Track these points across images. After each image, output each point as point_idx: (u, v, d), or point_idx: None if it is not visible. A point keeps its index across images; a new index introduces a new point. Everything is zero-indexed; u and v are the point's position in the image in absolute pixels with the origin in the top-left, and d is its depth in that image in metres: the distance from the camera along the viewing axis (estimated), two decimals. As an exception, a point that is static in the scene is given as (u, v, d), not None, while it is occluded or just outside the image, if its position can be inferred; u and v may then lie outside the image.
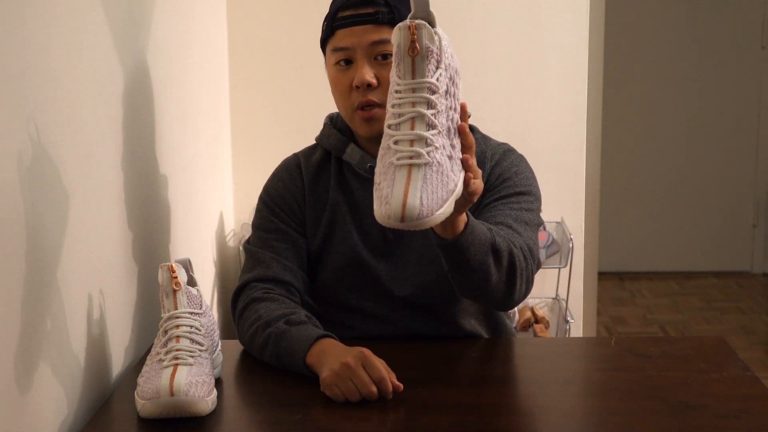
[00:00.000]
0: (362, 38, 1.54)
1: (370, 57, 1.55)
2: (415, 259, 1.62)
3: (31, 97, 1.23)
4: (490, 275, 1.43)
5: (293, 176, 1.68)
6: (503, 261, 1.43)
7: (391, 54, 1.53)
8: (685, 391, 1.39)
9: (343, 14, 1.56)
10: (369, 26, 1.54)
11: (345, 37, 1.56)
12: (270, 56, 2.82)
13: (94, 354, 1.45)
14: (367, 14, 1.55)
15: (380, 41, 1.54)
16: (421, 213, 1.16)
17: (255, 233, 1.68)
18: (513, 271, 1.46)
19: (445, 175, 1.20)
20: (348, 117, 1.60)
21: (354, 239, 1.63)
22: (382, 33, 1.54)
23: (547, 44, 2.79)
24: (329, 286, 1.66)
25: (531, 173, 1.65)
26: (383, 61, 1.55)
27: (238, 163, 2.85)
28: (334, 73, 1.59)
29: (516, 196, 1.59)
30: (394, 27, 1.53)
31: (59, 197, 1.32)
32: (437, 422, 1.30)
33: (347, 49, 1.56)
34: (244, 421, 1.38)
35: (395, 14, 1.55)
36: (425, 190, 1.17)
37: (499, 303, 1.53)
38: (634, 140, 5.01)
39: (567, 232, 2.72)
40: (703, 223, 5.06)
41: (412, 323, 1.63)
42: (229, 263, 2.75)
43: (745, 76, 4.94)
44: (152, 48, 1.83)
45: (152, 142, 1.80)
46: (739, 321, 4.31)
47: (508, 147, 1.67)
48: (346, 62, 1.57)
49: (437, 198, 1.18)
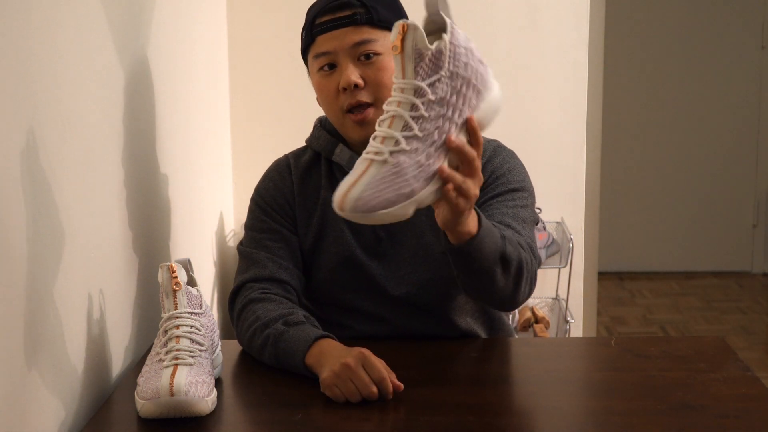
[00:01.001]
0: (343, 41, 1.55)
1: (354, 58, 1.55)
2: (408, 258, 1.62)
3: (31, 97, 1.23)
4: (497, 281, 1.43)
5: (283, 176, 1.68)
6: (511, 269, 1.44)
7: (373, 53, 1.55)
8: (685, 391, 1.39)
9: (320, 20, 1.57)
10: (348, 28, 1.55)
11: (325, 41, 1.56)
12: (270, 56, 2.82)
13: (94, 354, 1.45)
14: (345, 17, 1.55)
15: (361, 42, 1.55)
16: (357, 206, 1.19)
17: (248, 234, 1.68)
18: (520, 277, 1.46)
19: (403, 179, 1.21)
20: (338, 122, 1.60)
21: (347, 238, 1.63)
22: (362, 33, 1.55)
23: (547, 44, 2.79)
24: (324, 285, 1.66)
25: (523, 168, 1.65)
26: (367, 61, 1.55)
27: (238, 163, 2.85)
28: (318, 80, 1.60)
29: (511, 192, 1.59)
30: (373, 26, 1.55)
31: (59, 197, 1.32)
32: (437, 422, 1.30)
33: (329, 53, 1.56)
34: (244, 421, 1.38)
35: (372, 14, 1.55)
36: (371, 187, 1.20)
37: (503, 305, 1.53)
38: (634, 140, 5.01)
39: (567, 232, 2.72)
40: (703, 223, 5.06)
41: (408, 322, 1.63)
42: (229, 263, 2.75)
43: (745, 76, 4.95)
44: (152, 48, 1.83)
45: (152, 142, 1.80)
46: (739, 321, 4.31)
47: (497, 143, 1.67)
48: (330, 67, 1.57)
49: (382, 198, 1.20)
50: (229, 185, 2.82)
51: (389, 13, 1.57)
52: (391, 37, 1.21)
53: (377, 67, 1.55)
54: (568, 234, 2.70)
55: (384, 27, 1.55)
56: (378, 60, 1.55)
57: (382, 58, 1.55)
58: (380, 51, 1.55)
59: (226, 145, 2.79)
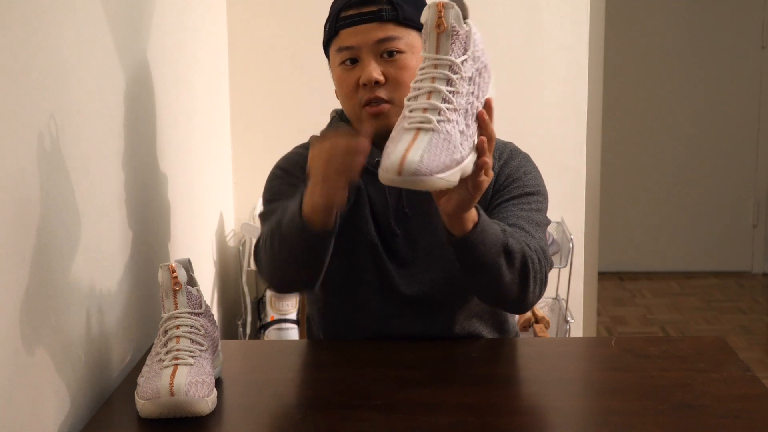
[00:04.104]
0: (367, 36, 1.54)
1: (377, 54, 1.55)
2: (423, 256, 1.62)
3: (31, 97, 1.23)
4: (502, 275, 1.43)
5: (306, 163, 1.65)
6: (516, 262, 1.44)
7: (397, 51, 1.55)
8: (685, 391, 1.39)
9: (345, 14, 1.56)
10: (373, 24, 1.54)
11: (349, 36, 1.56)
12: (270, 56, 2.82)
13: (94, 354, 1.45)
14: (371, 12, 1.55)
15: (386, 38, 1.54)
16: (419, 169, 1.19)
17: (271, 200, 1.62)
18: (526, 273, 1.46)
19: (453, 145, 1.23)
20: (354, 116, 1.60)
21: (368, 229, 1.62)
22: (387, 30, 1.54)
23: (547, 44, 2.79)
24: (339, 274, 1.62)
25: (538, 172, 1.65)
26: (389, 59, 1.55)
27: (238, 163, 2.85)
28: (339, 73, 1.58)
29: (526, 196, 1.59)
30: (398, 24, 1.54)
31: (59, 197, 1.32)
32: (437, 422, 1.30)
33: (352, 48, 1.55)
34: (244, 421, 1.38)
35: (398, 11, 1.55)
36: (428, 151, 1.20)
37: (513, 304, 1.54)
38: (634, 140, 5.01)
39: (567, 232, 2.72)
40: (703, 223, 5.06)
41: (414, 322, 1.63)
42: (229, 263, 2.76)
43: (745, 76, 4.94)
44: (152, 48, 1.83)
45: (152, 142, 1.80)
46: (739, 321, 4.31)
47: (513, 146, 1.68)
48: (352, 61, 1.56)
49: (439, 161, 1.21)
50: (229, 185, 2.82)
51: (414, 12, 1.56)
52: (428, 17, 1.25)
53: (399, 65, 1.55)
54: (568, 234, 2.70)
55: (408, 25, 1.55)
56: (400, 58, 1.55)
57: (405, 56, 1.55)
58: (403, 49, 1.55)
59: (226, 145, 2.79)
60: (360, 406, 1.34)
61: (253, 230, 2.58)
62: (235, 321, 2.74)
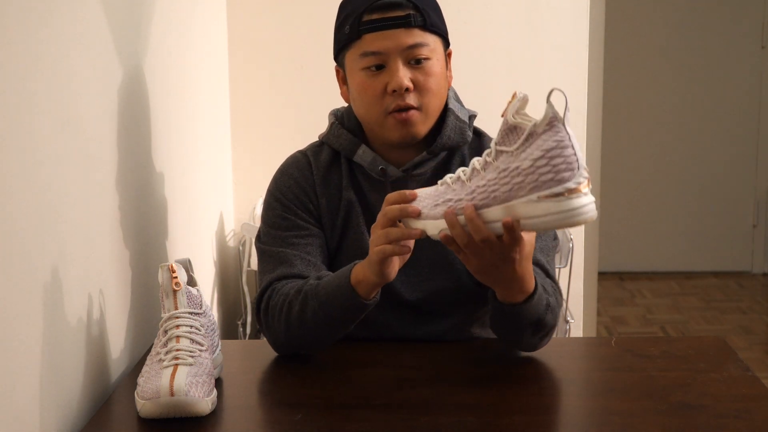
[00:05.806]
0: (397, 42, 1.51)
1: (405, 61, 1.52)
2: (427, 266, 1.60)
3: (31, 97, 1.23)
4: (524, 337, 1.48)
5: (304, 174, 1.63)
6: (542, 333, 1.49)
7: (424, 58, 1.53)
8: (685, 391, 1.39)
9: (370, 17, 1.52)
10: (401, 30, 1.51)
11: (376, 40, 1.52)
12: (270, 56, 2.82)
13: (94, 354, 1.45)
14: (399, 17, 1.51)
15: (415, 45, 1.52)
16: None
17: (270, 233, 1.61)
18: (546, 336, 1.52)
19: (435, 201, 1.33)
20: (377, 122, 1.56)
21: (367, 241, 1.61)
22: (415, 37, 1.52)
23: (547, 44, 2.79)
24: None
25: None
26: (417, 65, 1.52)
27: (238, 163, 2.85)
28: (363, 79, 1.54)
29: None
30: (425, 30, 1.52)
31: (59, 197, 1.32)
32: (437, 422, 1.30)
33: (380, 53, 1.52)
34: (244, 421, 1.38)
35: (426, 18, 1.52)
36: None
37: (525, 350, 1.56)
38: (634, 140, 5.01)
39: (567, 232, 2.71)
40: (703, 223, 5.06)
41: (413, 331, 1.62)
42: (229, 263, 2.75)
43: (745, 76, 4.94)
44: (152, 48, 1.83)
45: (152, 142, 1.80)
46: (739, 321, 4.31)
47: None
48: (377, 67, 1.53)
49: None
50: (229, 185, 2.82)
51: (438, 20, 1.56)
52: (508, 106, 1.31)
53: (426, 71, 1.53)
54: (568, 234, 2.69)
55: (433, 32, 1.54)
56: (427, 64, 1.53)
57: (431, 62, 1.53)
58: (430, 56, 1.53)
59: (226, 145, 2.79)
60: (360, 406, 1.34)
61: (253, 230, 2.57)
62: (235, 321, 2.74)
